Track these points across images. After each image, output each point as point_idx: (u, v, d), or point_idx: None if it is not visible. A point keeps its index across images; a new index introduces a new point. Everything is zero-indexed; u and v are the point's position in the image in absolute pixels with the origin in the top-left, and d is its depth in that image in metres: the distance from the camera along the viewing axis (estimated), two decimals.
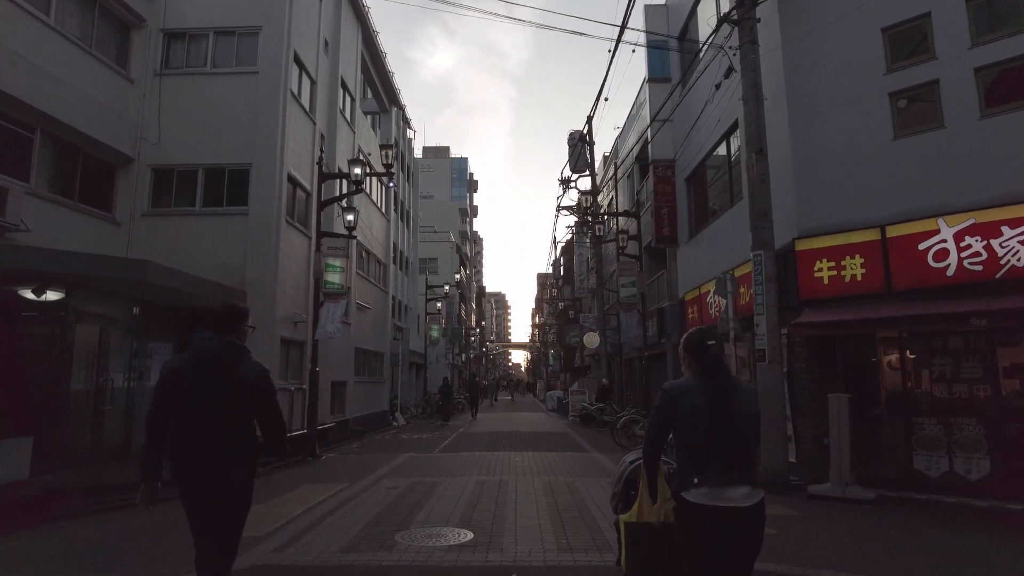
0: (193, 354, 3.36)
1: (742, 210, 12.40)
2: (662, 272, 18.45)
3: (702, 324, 14.31)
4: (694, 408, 2.80)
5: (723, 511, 2.71)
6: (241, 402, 3.29)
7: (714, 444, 2.77)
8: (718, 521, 2.72)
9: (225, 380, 3.28)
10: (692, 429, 2.80)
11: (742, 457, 2.79)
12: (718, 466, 2.74)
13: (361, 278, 20.38)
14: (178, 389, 3.26)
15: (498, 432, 19.12)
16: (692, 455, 2.81)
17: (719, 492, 2.72)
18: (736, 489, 2.73)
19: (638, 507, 3.09)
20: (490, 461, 11.86)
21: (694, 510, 2.77)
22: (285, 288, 13.60)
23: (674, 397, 2.87)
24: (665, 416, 2.91)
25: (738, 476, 2.75)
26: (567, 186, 25.72)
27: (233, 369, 3.31)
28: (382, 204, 24.08)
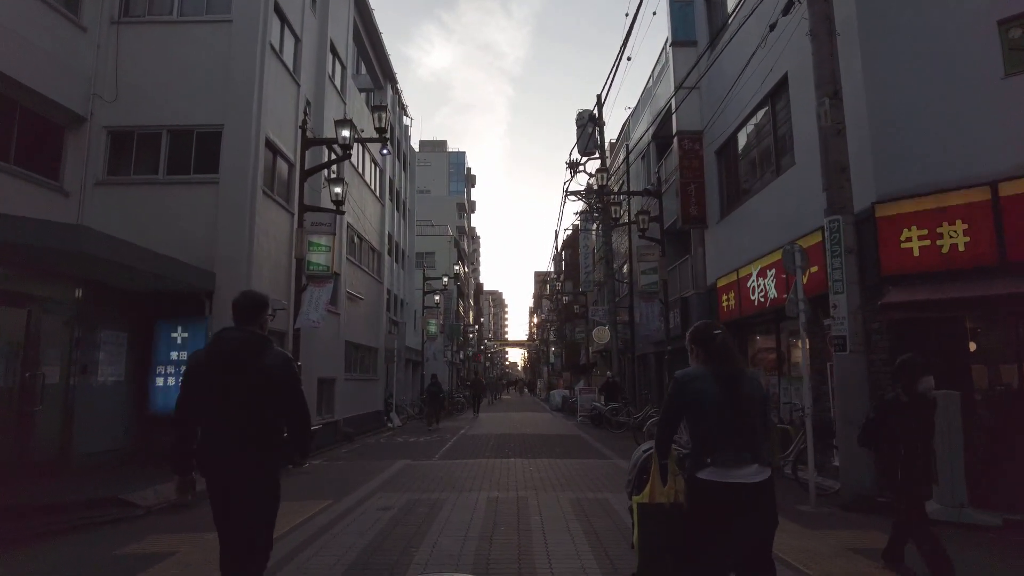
0: (216, 345, 3.32)
1: (792, 180, 10.70)
2: (686, 258, 16.71)
3: (740, 313, 12.57)
4: (704, 394, 3.00)
5: (734, 487, 2.88)
6: (265, 393, 3.24)
7: (723, 427, 2.95)
8: (729, 497, 2.89)
9: (249, 371, 3.23)
10: (703, 413, 3.00)
11: (750, 438, 2.95)
12: (728, 447, 2.92)
13: (353, 265, 18.61)
14: (202, 381, 3.25)
15: (504, 435, 17.36)
16: (703, 438, 2.99)
17: (729, 470, 2.90)
18: (745, 468, 2.90)
19: (650, 489, 3.26)
20: (500, 471, 10.11)
21: (706, 488, 2.94)
22: (262, 270, 11.81)
23: (685, 384, 3.07)
24: (677, 403, 3.10)
25: (747, 456, 2.92)
26: (575, 170, 23.97)
27: (257, 360, 3.26)
28: (376, 187, 22.29)
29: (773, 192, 11.43)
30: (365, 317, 19.93)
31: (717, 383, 3.00)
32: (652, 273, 15.64)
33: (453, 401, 27.69)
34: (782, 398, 11.50)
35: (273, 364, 3.27)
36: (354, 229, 18.63)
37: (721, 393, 2.97)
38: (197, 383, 3.25)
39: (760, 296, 11.45)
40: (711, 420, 2.97)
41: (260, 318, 3.42)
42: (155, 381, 10.49)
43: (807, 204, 9.97)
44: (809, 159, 10.05)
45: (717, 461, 2.91)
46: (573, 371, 37.86)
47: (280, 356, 3.35)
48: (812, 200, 9.83)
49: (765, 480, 2.93)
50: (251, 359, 3.24)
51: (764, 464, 2.94)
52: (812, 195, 9.85)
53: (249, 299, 3.43)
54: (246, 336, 3.30)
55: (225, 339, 3.31)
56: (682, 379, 3.09)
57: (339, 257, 16.55)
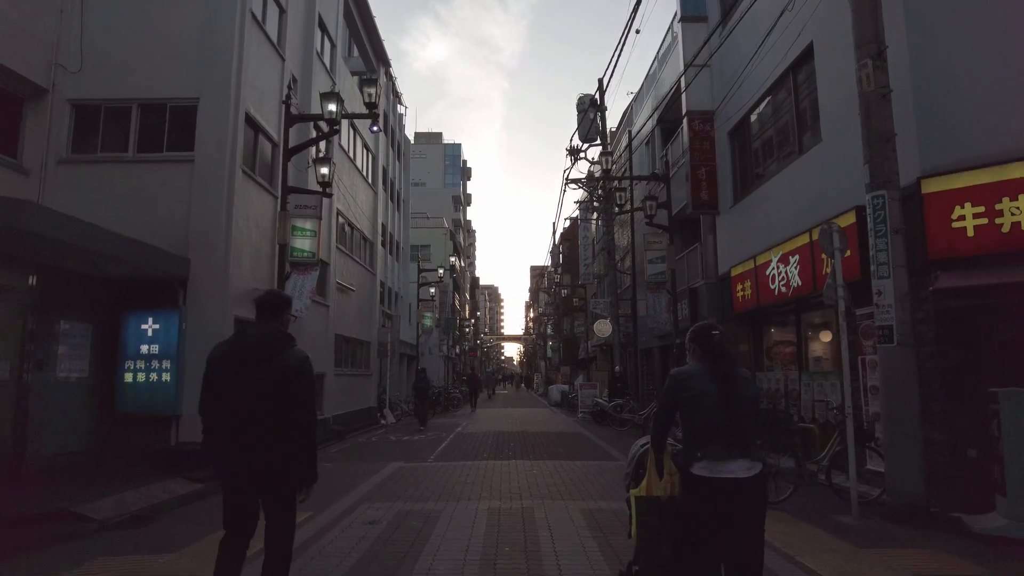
0: (239, 341, 3.43)
1: (817, 158, 9.84)
2: (694, 246, 15.85)
3: (757, 303, 11.73)
4: (699, 391, 3.12)
5: (724, 482, 3.00)
6: (285, 388, 3.28)
7: (716, 423, 3.07)
8: (720, 491, 3.01)
9: (270, 367, 3.29)
10: (697, 410, 3.13)
11: (741, 435, 3.07)
12: (719, 443, 3.04)
13: (343, 254, 17.69)
14: (223, 376, 3.31)
15: (503, 432, 16.51)
16: (696, 433, 3.13)
17: (720, 465, 3.01)
18: (735, 463, 3.01)
19: (647, 483, 3.49)
20: (501, 475, 9.25)
21: (698, 482, 3.06)
22: (241, 256, 10.89)
23: (681, 381, 3.21)
24: (673, 399, 3.24)
25: (737, 452, 3.03)
26: (576, 157, 23.07)
27: (278, 356, 3.32)
28: (368, 174, 21.35)
29: (794, 172, 10.57)
30: (357, 309, 19.03)
31: (713, 381, 3.13)
32: (659, 262, 14.80)
33: (449, 397, 26.82)
34: (803, 395, 10.68)
35: (292, 360, 3.35)
36: (344, 216, 17.70)
37: (716, 391, 3.10)
38: (217, 376, 3.34)
39: (781, 285, 10.61)
40: (705, 416, 3.10)
41: (282, 315, 3.55)
42: (123, 377, 9.59)
43: (834, 183, 9.13)
44: (836, 134, 9.20)
45: (708, 456, 3.04)
46: (573, 366, 37.06)
47: (301, 353, 3.42)
48: (840, 179, 8.99)
49: (756, 475, 3.05)
50: (273, 354, 3.33)
51: (755, 459, 3.07)
52: (840, 173, 9.02)
53: (272, 297, 3.61)
54: (269, 332, 3.42)
55: (248, 334, 3.43)
56: (679, 376, 3.25)
57: (327, 244, 15.65)
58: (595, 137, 22.86)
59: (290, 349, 3.39)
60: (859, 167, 7.81)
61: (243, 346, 3.37)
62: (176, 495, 8.07)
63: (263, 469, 3.23)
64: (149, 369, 9.60)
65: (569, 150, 23.01)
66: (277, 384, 3.27)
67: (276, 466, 3.24)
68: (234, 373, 3.29)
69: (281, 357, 3.32)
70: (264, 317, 3.49)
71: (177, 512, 7.28)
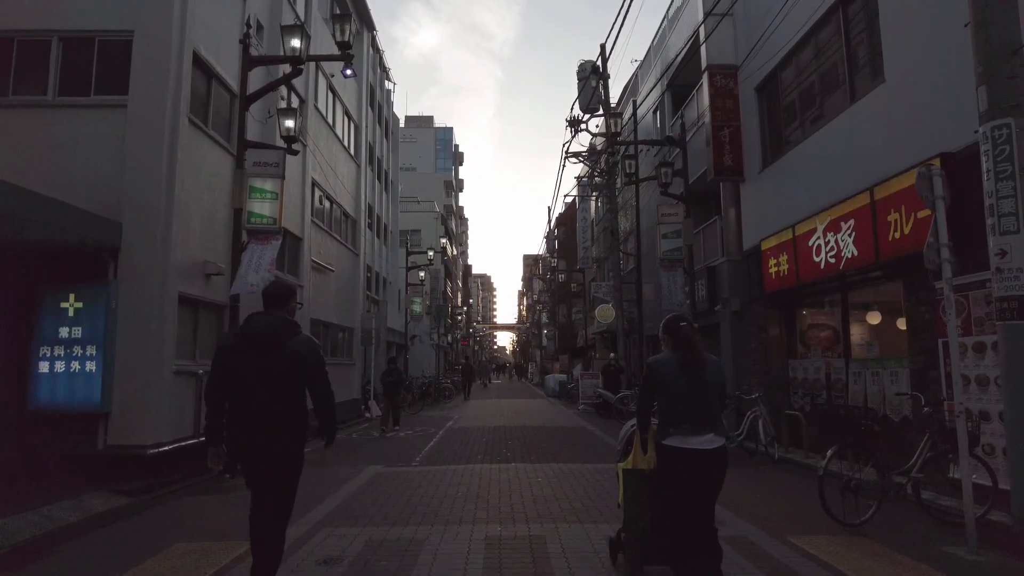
0: (247, 329, 3.51)
1: (877, 104, 8.19)
2: (713, 220, 14.21)
3: (797, 279, 10.09)
4: (671, 376, 3.58)
5: (691, 452, 3.46)
6: (293, 374, 3.46)
7: (685, 403, 3.52)
8: (687, 460, 3.47)
9: (279, 353, 3.44)
10: (668, 392, 3.60)
11: (707, 414, 3.53)
12: (688, 420, 3.50)
13: (320, 230, 15.92)
14: (233, 363, 3.46)
15: (499, 427, 14.88)
16: (670, 412, 3.59)
17: (688, 438, 3.48)
18: (701, 437, 3.47)
19: (632, 457, 4.06)
20: (500, 485, 7.63)
21: (670, 452, 3.54)
22: (189, 222, 9.17)
23: (656, 369, 3.68)
24: (651, 384, 3.74)
25: (703, 428, 3.48)
26: (576, 128, 21.34)
27: (287, 343, 3.47)
28: (351, 145, 19.54)
29: (845, 124, 8.93)
30: (337, 292, 17.28)
31: (681, 368, 3.56)
32: (674, 237, 13.18)
33: (440, 387, 25.19)
34: (851, 385, 9.11)
35: (301, 347, 3.51)
36: (321, 188, 15.92)
37: (684, 376, 3.55)
38: (226, 364, 3.47)
39: (830, 256, 8.98)
40: (675, 398, 3.56)
41: (287, 305, 3.67)
42: (38, 367, 7.87)
43: (905, 129, 7.51)
44: (907, 71, 7.56)
45: (679, 431, 3.50)
46: (571, 354, 35.50)
47: (308, 340, 3.61)
48: (915, 123, 7.37)
49: (719, 447, 3.51)
50: (281, 341, 3.46)
51: (719, 435, 3.53)
52: (914, 116, 7.39)
53: (277, 287, 3.74)
54: (276, 320, 3.54)
55: (256, 322, 3.53)
56: (654, 364, 3.72)
57: (299, 216, 13.88)
58: (597, 107, 21.08)
59: (297, 336, 3.53)
60: (941, 106, 6.22)
61: (251, 335, 3.48)
62: (93, 514, 6.40)
63: (271, 452, 3.42)
64: (70, 357, 7.88)
65: (569, 121, 21.25)
66: (286, 371, 3.43)
67: (282, 449, 3.44)
68: (244, 361, 3.43)
69: (288, 345, 3.46)
70: (270, 306, 3.61)
71: (89, 539, 5.64)
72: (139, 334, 8.09)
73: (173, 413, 8.54)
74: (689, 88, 16.44)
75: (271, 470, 3.46)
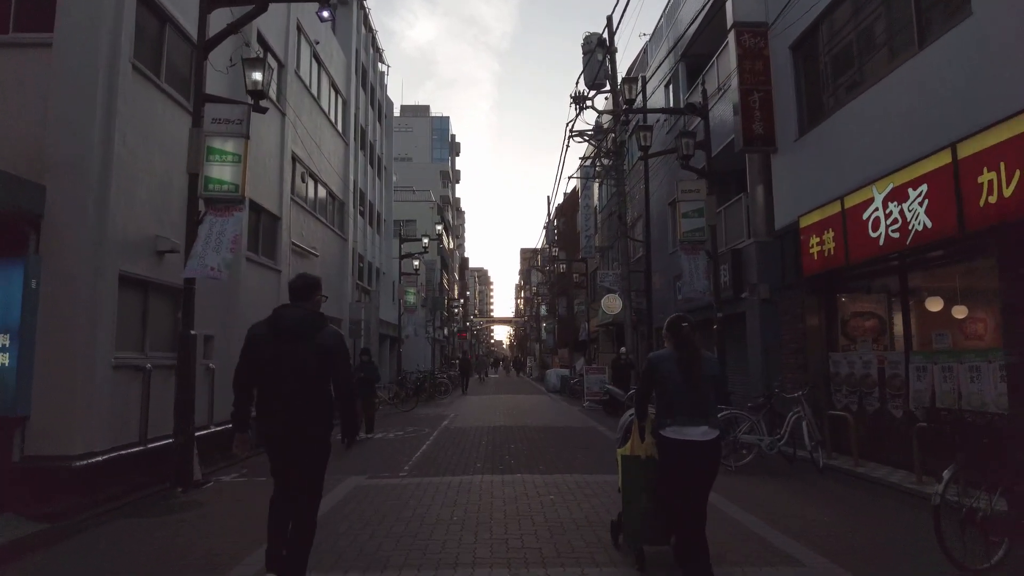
0: (277, 320, 3.67)
1: (955, 47, 6.78)
2: (737, 198, 12.81)
3: (847, 260, 8.66)
4: (669, 371, 3.91)
5: (686, 443, 3.80)
6: (320, 364, 3.61)
7: (682, 397, 3.85)
8: (682, 450, 3.82)
9: (307, 344, 3.60)
10: (667, 387, 3.93)
11: (703, 407, 3.85)
12: (684, 412, 3.82)
13: (302, 211, 14.48)
14: (262, 352, 3.61)
15: (499, 428, 13.50)
16: (667, 404, 3.92)
17: (684, 430, 3.80)
18: (697, 428, 3.80)
19: (631, 444, 4.35)
20: (505, 505, 6.24)
21: (667, 442, 3.88)
22: (135, 188, 7.74)
23: (655, 364, 4.02)
24: (649, 377, 4.06)
25: (698, 420, 3.80)
26: (581, 105, 19.90)
27: (315, 334, 3.64)
28: (338, 121, 18.06)
29: (912, 75, 7.51)
30: (323, 280, 15.83)
31: (680, 364, 3.89)
32: (696, 216, 11.78)
33: (436, 382, 23.81)
34: (913, 383, 7.75)
35: (328, 340, 3.68)
36: (304, 164, 14.47)
37: (682, 372, 3.87)
38: (255, 353, 3.63)
39: (892, 230, 7.60)
40: (673, 392, 3.88)
41: (313, 297, 3.82)
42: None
43: (997, 73, 6.12)
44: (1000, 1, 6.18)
45: (676, 422, 3.83)
46: (574, 347, 34.11)
47: (334, 332, 3.77)
48: (1010, 64, 5.98)
49: (713, 439, 3.84)
50: (309, 332, 3.63)
51: (713, 427, 3.85)
52: (1009, 57, 6.01)
53: (303, 280, 3.87)
54: (305, 312, 3.70)
55: (285, 314, 3.68)
56: (654, 360, 4.06)
57: (276, 192, 12.42)
58: (604, 82, 19.68)
59: (324, 329, 3.70)
60: None
61: (281, 327, 3.62)
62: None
63: (299, 437, 3.60)
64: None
65: (573, 97, 19.77)
66: (314, 362, 3.59)
67: (312, 432, 3.64)
68: (273, 352, 3.57)
69: (317, 337, 3.63)
70: (297, 299, 3.77)
71: None
72: (67, 320, 6.67)
73: (111, 416, 7.13)
74: (705, 58, 15.07)
75: (299, 455, 3.62)
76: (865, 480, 7.80)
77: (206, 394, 9.35)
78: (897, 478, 7.50)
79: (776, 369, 11.14)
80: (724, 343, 11.65)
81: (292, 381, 3.55)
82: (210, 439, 9.02)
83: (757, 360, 11.66)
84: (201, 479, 7.65)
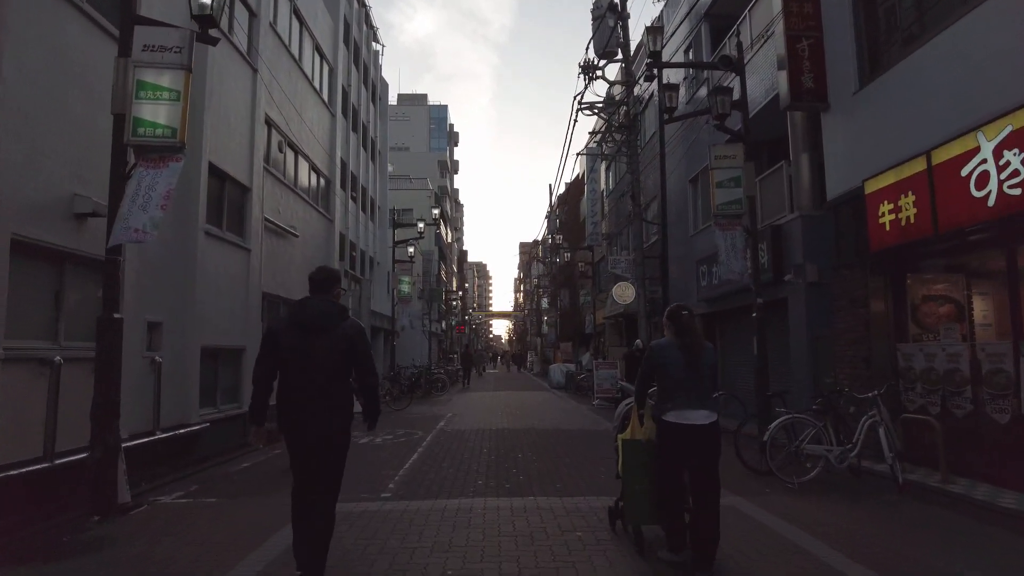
0: (300, 311, 3.74)
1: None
2: (777, 167, 11.15)
3: (936, 228, 7.01)
4: (671, 359, 4.13)
5: (688, 427, 4.03)
6: (342, 355, 3.67)
7: (683, 383, 4.08)
8: (685, 433, 4.04)
9: (329, 335, 3.65)
10: (668, 373, 4.13)
11: (702, 392, 4.10)
12: (685, 397, 4.06)
13: (278, 183, 12.80)
14: (284, 344, 3.63)
15: (502, 431, 11.86)
16: (667, 391, 4.14)
17: (685, 414, 4.04)
18: (696, 412, 4.04)
19: (631, 429, 4.56)
20: (515, 547, 4.62)
21: (669, 427, 4.10)
22: (41, 134, 6.09)
23: (658, 352, 4.23)
24: (652, 364, 4.23)
25: (698, 404, 4.05)
26: (591, 75, 18.26)
27: (337, 325, 3.69)
28: (324, 90, 16.35)
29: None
30: (304, 264, 14.13)
31: (681, 351, 4.13)
32: (733, 186, 10.13)
33: (432, 379, 22.17)
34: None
35: (350, 331, 3.73)
36: (282, 132, 12.79)
37: (683, 359, 4.11)
38: (276, 345, 3.65)
39: (1009, 185, 5.95)
40: (674, 378, 4.10)
41: (334, 290, 3.89)
42: None
43: None
44: None
45: (676, 406, 4.06)
46: (576, 341, 32.50)
47: (356, 323, 3.85)
48: None
49: (712, 423, 4.08)
50: (331, 324, 3.68)
51: (712, 411, 4.11)
52: None
53: (325, 273, 3.92)
54: (327, 304, 3.76)
55: (308, 306, 3.74)
56: (656, 348, 4.28)
57: (246, 160, 10.69)
58: (615, 50, 18.01)
59: (346, 321, 3.77)
60: None
61: (304, 319, 3.66)
62: None
63: (321, 427, 3.62)
64: None
65: (582, 66, 18.19)
66: (336, 353, 3.63)
67: (334, 424, 3.67)
68: (297, 340, 3.61)
69: (339, 329, 3.67)
70: (318, 291, 3.80)
71: None
72: None
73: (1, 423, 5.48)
74: (731, 19, 13.42)
75: (320, 444, 3.66)
76: (963, 502, 6.20)
77: (150, 394, 7.71)
78: (1011, 501, 5.90)
79: (826, 363, 9.52)
80: (767, 332, 10.01)
81: (315, 372, 3.60)
82: (153, 449, 7.39)
83: (802, 352, 10.04)
84: (130, 502, 6.03)
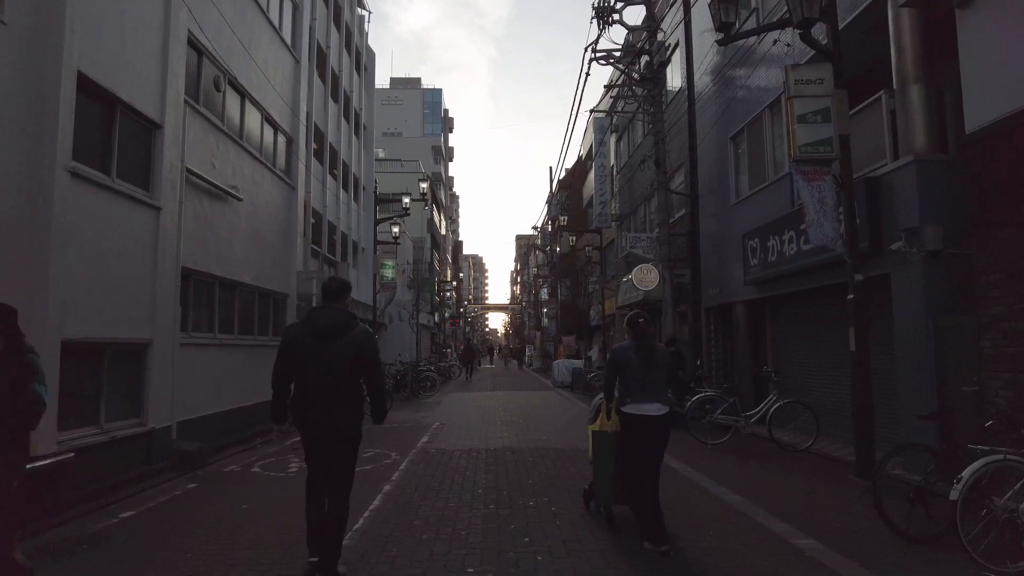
0: (312, 320, 4.07)
1: None
2: (875, 98, 8.32)
3: None
4: (629, 360, 4.89)
5: (643, 417, 4.75)
6: (353, 360, 4.01)
7: (639, 380, 4.82)
8: (639, 423, 4.78)
9: (341, 341, 3.99)
10: (627, 371, 4.88)
11: (656, 388, 4.82)
12: (640, 392, 4.78)
13: (215, 130, 9.91)
14: (299, 350, 4.01)
15: (503, 450, 9.06)
16: (627, 385, 4.89)
17: (640, 406, 4.76)
18: (651, 405, 4.75)
19: (600, 421, 5.24)
20: None
21: (628, 417, 4.86)
22: None
23: (618, 353, 5.05)
24: (615, 365, 5.02)
25: (652, 398, 4.76)
26: (606, 20, 15.41)
27: (348, 332, 4.04)
28: (282, 25, 13.41)
29: None
30: (249, 236, 11.24)
31: (637, 353, 4.87)
32: (819, 121, 7.31)
33: (420, 377, 19.41)
34: None
35: (359, 337, 4.07)
36: (216, 62, 9.91)
37: (638, 360, 4.84)
38: (292, 350, 4.02)
39: None
40: (632, 376, 4.84)
41: (344, 299, 4.24)
42: None
43: None
44: None
45: (634, 400, 4.79)
46: (580, 334, 29.79)
47: (365, 330, 4.17)
48: None
49: (664, 414, 4.79)
50: (343, 331, 4.03)
51: (664, 404, 4.81)
52: None
53: (337, 283, 4.26)
54: (338, 314, 4.10)
55: (321, 315, 4.09)
56: (617, 350, 5.12)
57: (147, 73, 7.72)
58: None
59: (356, 328, 4.10)
60: None
61: (317, 327, 4.00)
62: None
63: (333, 426, 3.95)
64: None
65: (596, 9, 15.33)
66: (346, 358, 3.96)
67: (345, 422, 3.97)
68: (311, 346, 3.96)
69: (349, 335, 4.02)
70: (330, 300, 4.17)
71: None
72: None
73: None
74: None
75: (332, 442, 3.97)
76: None
77: None
78: None
79: (959, 363, 6.77)
80: (873, 313, 7.26)
81: (328, 377, 3.92)
82: None
83: (916, 348, 7.26)
84: None
